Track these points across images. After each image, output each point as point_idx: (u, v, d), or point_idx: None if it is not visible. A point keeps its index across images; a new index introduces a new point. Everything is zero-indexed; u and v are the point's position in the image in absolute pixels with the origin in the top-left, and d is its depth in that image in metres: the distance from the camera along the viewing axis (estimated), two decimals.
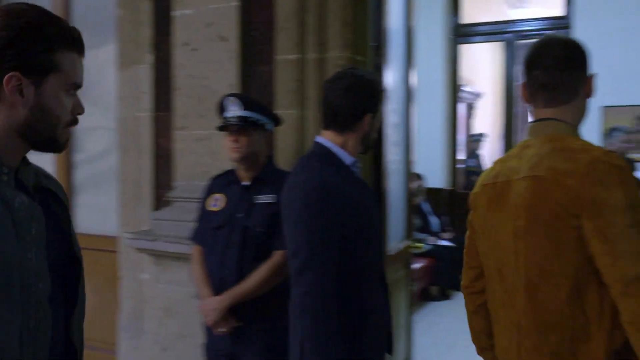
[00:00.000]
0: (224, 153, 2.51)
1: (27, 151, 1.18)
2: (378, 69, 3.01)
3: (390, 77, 3.15)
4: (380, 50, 3.03)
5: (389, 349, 2.05)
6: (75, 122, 1.21)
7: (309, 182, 1.78)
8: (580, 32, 6.32)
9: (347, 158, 1.89)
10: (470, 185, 8.13)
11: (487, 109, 9.96)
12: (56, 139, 1.19)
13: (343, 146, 1.88)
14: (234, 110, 2.36)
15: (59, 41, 1.14)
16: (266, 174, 2.42)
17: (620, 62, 6.00)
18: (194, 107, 3.03)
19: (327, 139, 1.89)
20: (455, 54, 7.80)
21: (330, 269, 1.73)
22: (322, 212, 1.73)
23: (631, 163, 4.39)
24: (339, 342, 1.71)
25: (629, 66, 6.13)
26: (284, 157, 2.77)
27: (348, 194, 1.81)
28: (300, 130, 2.79)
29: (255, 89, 2.93)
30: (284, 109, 2.76)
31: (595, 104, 1.62)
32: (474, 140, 8.58)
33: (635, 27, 6.28)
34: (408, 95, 3.54)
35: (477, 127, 9.46)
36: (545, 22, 7.41)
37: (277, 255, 2.31)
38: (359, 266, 1.84)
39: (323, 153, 1.88)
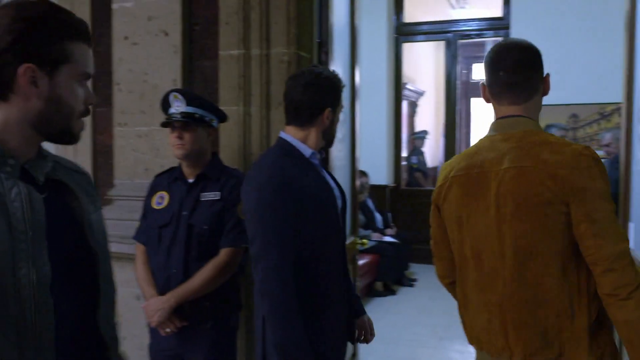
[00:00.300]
0: (166, 150, 2.46)
1: (40, 142, 1.19)
2: (322, 65, 3.02)
3: None
4: (324, 47, 3.04)
5: (351, 338, 2.11)
6: (87, 112, 1.22)
7: (264, 173, 1.84)
8: (517, 33, 6.53)
9: (306, 151, 1.94)
10: (413, 182, 8.27)
11: (429, 106, 10.15)
12: (71, 130, 1.20)
13: (304, 140, 1.95)
14: (178, 106, 2.32)
15: (69, 32, 1.16)
16: (211, 170, 2.39)
17: (555, 63, 6.19)
18: (135, 102, 2.96)
19: (289, 133, 1.97)
20: (398, 52, 7.91)
21: (286, 256, 1.79)
22: (276, 203, 1.79)
23: None
24: (300, 323, 1.77)
25: (564, 67, 6.35)
26: (228, 153, 2.73)
27: (305, 184, 1.86)
28: (245, 126, 2.76)
29: (198, 84, 2.88)
30: (228, 105, 2.73)
31: None
32: (417, 137, 8.73)
33: (570, 29, 6.52)
34: (352, 92, 3.56)
35: (420, 125, 9.63)
36: (485, 22, 7.63)
37: (223, 254, 2.29)
38: (317, 254, 1.89)
39: (283, 146, 1.94)
